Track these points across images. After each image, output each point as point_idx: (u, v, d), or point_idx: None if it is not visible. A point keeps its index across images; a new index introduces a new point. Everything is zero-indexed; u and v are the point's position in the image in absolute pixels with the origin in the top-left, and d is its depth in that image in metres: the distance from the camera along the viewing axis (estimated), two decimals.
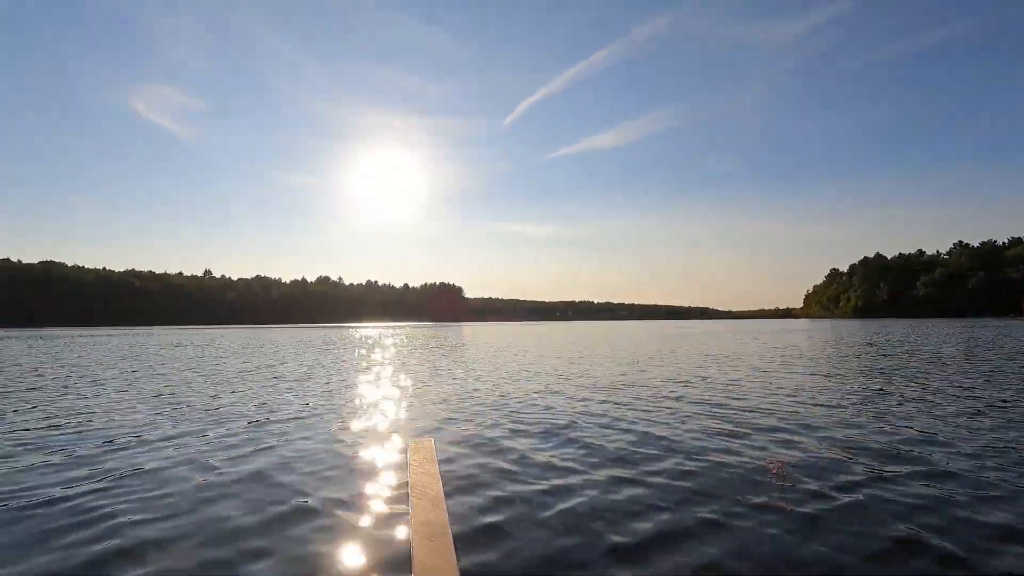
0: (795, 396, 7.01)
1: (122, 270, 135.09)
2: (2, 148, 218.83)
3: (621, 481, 3.53)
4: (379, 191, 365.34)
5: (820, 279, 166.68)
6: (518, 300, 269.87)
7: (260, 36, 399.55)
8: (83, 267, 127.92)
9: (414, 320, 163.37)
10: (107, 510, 3.09)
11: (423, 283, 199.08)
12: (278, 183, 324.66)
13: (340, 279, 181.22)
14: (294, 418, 5.85)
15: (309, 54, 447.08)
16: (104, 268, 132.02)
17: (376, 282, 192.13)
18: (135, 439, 4.89)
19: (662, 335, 31.71)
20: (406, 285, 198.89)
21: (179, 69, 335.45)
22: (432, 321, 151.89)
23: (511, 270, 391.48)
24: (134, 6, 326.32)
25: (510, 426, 5.35)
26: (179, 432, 5.16)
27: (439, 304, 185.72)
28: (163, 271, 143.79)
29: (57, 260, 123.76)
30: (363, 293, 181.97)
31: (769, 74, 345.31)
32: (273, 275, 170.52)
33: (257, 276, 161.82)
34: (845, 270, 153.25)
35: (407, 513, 2.89)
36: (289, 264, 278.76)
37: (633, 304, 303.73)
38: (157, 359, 14.84)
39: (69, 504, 3.19)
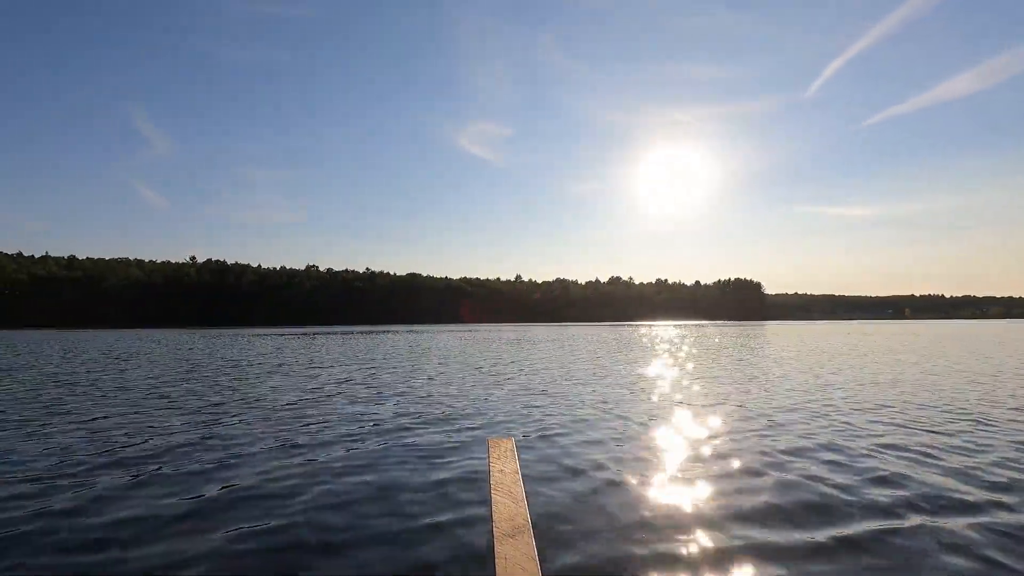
0: None
1: (458, 278, 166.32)
2: (375, 187, 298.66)
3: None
4: (666, 188, 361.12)
5: None
6: (833, 295, 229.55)
7: (554, 62, 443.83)
8: (434, 276, 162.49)
9: (707, 319, 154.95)
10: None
11: (716, 279, 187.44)
12: (570, 192, 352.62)
13: (631, 279, 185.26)
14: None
15: (595, 68, 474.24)
16: (446, 277, 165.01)
17: (666, 280, 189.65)
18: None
19: None
20: (698, 283, 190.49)
21: (492, 105, 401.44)
22: (728, 320, 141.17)
23: (821, 260, 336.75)
24: (459, 57, 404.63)
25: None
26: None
27: (735, 302, 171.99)
28: (485, 277, 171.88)
29: (418, 272, 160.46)
30: (653, 292, 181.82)
31: None
32: (570, 277, 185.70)
33: (557, 279, 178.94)
34: None
35: (489, 510, 2.89)
36: (583, 266, 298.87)
37: (1011, 298, 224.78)
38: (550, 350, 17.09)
39: None
